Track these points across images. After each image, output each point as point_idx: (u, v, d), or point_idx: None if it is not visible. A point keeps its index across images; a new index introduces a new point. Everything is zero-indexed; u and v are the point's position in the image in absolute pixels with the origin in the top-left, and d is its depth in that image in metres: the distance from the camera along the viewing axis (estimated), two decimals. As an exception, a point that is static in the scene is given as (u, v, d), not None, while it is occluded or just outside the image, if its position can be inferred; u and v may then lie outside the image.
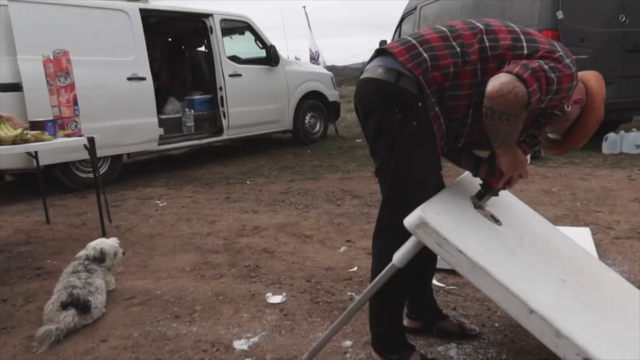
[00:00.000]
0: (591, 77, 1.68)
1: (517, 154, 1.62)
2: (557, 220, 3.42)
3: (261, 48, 7.20)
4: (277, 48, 7.20)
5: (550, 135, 1.77)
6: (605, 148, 5.74)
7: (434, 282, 2.53)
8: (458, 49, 1.57)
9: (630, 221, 3.36)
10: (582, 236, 2.93)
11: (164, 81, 7.22)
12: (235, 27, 7.21)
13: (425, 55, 1.57)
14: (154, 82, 5.82)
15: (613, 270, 2.58)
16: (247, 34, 7.21)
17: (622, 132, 5.85)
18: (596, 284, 1.85)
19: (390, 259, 1.57)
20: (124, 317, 2.32)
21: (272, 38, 7.29)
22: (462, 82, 1.56)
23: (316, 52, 10.03)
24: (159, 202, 4.67)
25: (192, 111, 6.62)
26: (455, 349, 1.94)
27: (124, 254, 2.73)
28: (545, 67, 1.46)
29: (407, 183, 1.64)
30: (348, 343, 1.99)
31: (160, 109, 6.25)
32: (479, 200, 1.78)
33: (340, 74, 20.96)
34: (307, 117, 7.70)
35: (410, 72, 1.56)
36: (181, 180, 5.65)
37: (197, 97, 6.88)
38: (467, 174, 1.99)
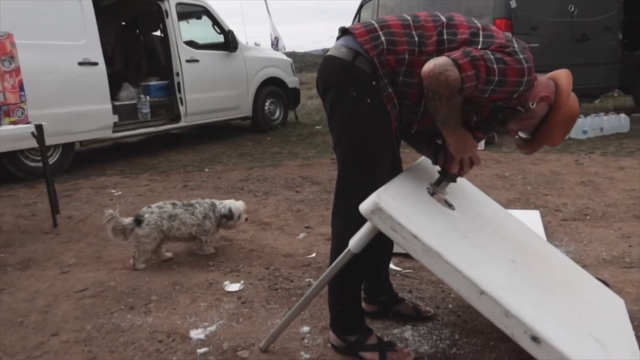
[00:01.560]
0: (561, 75, 1.70)
1: (463, 136, 1.66)
2: (509, 204, 3.53)
3: (219, 33, 7.05)
4: (236, 34, 7.08)
5: (520, 134, 1.77)
6: (556, 134, 5.94)
7: (391, 266, 2.57)
8: (416, 39, 1.60)
9: (576, 204, 3.51)
10: (532, 219, 3.04)
11: (117, 66, 6.98)
12: (192, 11, 7.02)
13: (382, 38, 1.60)
14: (107, 67, 5.62)
15: (560, 250, 2.69)
16: (205, 18, 7.04)
17: (571, 118, 6.07)
18: (544, 265, 1.93)
19: (347, 237, 1.59)
20: (75, 310, 2.25)
21: (230, 24, 7.15)
22: (416, 70, 1.57)
23: (276, 38, 9.91)
24: (113, 191, 4.53)
25: (148, 97, 6.43)
26: (411, 330, 1.98)
27: (246, 220, 2.95)
28: (489, 57, 1.48)
29: (360, 159, 1.67)
30: (306, 329, 2.00)
31: (114, 95, 6.04)
32: (437, 186, 1.81)
33: (301, 61, 20.84)
34: (267, 104, 7.62)
35: (367, 52, 1.60)
36: (137, 169, 5.50)
37: (153, 83, 6.68)
38: (423, 159, 2.02)
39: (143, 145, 7.26)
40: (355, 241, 1.60)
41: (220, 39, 7.04)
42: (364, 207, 1.49)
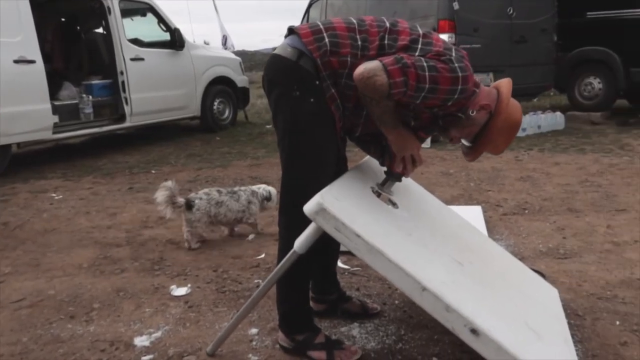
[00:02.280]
0: (503, 84, 1.73)
1: (402, 134, 1.69)
2: (453, 200, 3.65)
3: (165, 31, 6.88)
4: (183, 32, 6.93)
5: (463, 141, 1.81)
6: (497, 132, 6.18)
7: (339, 264, 2.60)
8: (359, 42, 1.62)
9: (516, 198, 3.67)
10: (474, 214, 3.16)
11: (57, 65, 6.67)
12: (136, 8, 6.81)
13: (326, 40, 1.63)
14: (46, 65, 5.38)
15: (500, 244, 2.81)
16: (150, 16, 6.85)
17: (511, 116, 6.33)
18: (484, 260, 2.00)
19: (292, 234, 1.61)
20: (11, 321, 2.14)
21: (177, 21, 7.00)
22: None
23: (224, 36, 9.77)
24: (54, 195, 4.34)
25: (91, 97, 6.18)
26: (358, 328, 2.01)
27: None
28: (421, 64, 1.51)
29: (303, 158, 1.69)
30: (254, 331, 2.00)
31: (54, 94, 5.78)
32: (382, 186, 1.83)
33: (251, 59, 20.68)
34: (216, 103, 7.50)
35: (311, 53, 1.62)
36: (80, 171, 5.29)
37: (95, 82, 6.43)
38: (368, 158, 2.06)
39: (86, 146, 6.99)
40: (300, 242, 1.61)
41: (167, 37, 6.87)
42: (308, 208, 1.50)
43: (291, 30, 1.72)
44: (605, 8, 6.89)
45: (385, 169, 1.86)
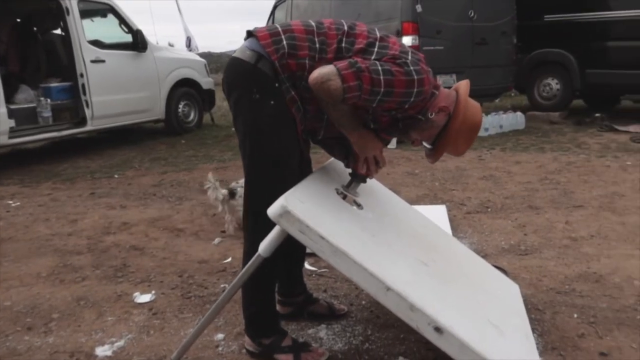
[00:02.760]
0: (461, 85, 1.75)
1: (364, 136, 1.70)
2: (418, 200, 3.70)
3: (127, 32, 6.73)
4: (146, 33, 6.80)
5: (424, 144, 1.81)
6: (461, 132, 6.30)
7: (306, 266, 2.61)
8: (317, 45, 1.63)
9: (479, 197, 3.75)
10: (438, 213, 3.21)
11: (13, 67, 6.43)
12: (96, 8, 6.64)
13: (284, 42, 1.62)
14: (1, 68, 5.19)
15: (464, 242, 2.87)
16: (110, 17, 6.69)
17: (474, 117, 6.47)
18: (448, 259, 2.04)
19: (258, 237, 1.60)
20: (-36, 335, 2.06)
21: (139, 22, 6.86)
22: None
23: (188, 37, 9.64)
24: (10, 202, 4.18)
25: (49, 100, 5.99)
26: (325, 330, 2.01)
27: None
28: (376, 68, 1.52)
29: (265, 161, 1.69)
30: (220, 336, 1.97)
31: (9, 98, 5.58)
32: (347, 188, 1.84)
33: (217, 61, 20.41)
34: (181, 106, 7.39)
35: (269, 55, 1.62)
36: (38, 177, 5.12)
37: (54, 84, 6.24)
38: (332, 160, 2.06)
39: (46, 151, 6.77)
40: (265, 245, 1.60)
41: (129, 38, 6.72)
42: (272, 210, 1.49)
43: (250, 33, 1.71)
44: (562, 11, 7.12)
45: (350, 170, 1.87)
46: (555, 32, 7.23)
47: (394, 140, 5.64)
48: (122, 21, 6.67)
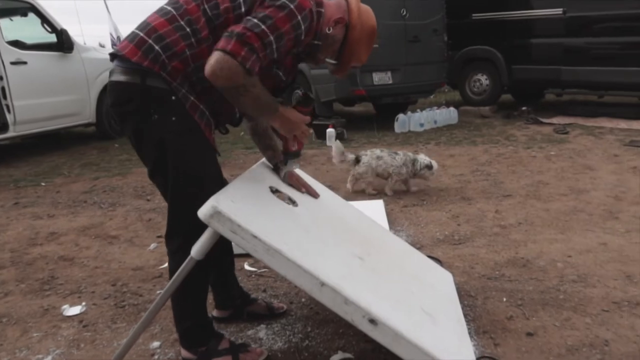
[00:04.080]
0: None
1: (286, 116, 1.65)
2: (357, 196, 3.75)
3: (50, 32, 6.39)
4: (72, 33, 6.47)
5: (328, 60, 1.75)
6: (397, 127, 6.47)
7: (246, 267, 2.58)
8: (188, 29, 1.52)
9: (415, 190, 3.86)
10: (376, 208, 3.27)
11: None
12: (15, 7, 6.25)
13: (157, 47, 1.50)
14: None
15: (401, 235, 2.94)
16: (32, 16, 6.32)
17: (409, 112, 6.66)
18: (383, 252, 2.07)
19: (186, 256, 1.53)
20: None
21: (65, 22, 6.52)
22: (204, 60, 1.47)
23: (118, 37, 9.28)
24: None
25: (-36, 105, 5.59)
26: (265, 329, 2.00)
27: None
28: (254, 22, 1.44)
29: (183, 179, 1.60)
30: (156, 344, 1.91)
31: None
32: (285, 166, 1.87)
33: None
34: (113, 109, 7.10)
35: (150, 69, 1.50)
36: (-45, 188, 4.76)
37: (-30, 88, 5.82)
38: (262, 160, 2.04)
39: (-37, 160, 6.30)
40: (197, 248, 1.56)
41: (53, 38, 6.38)
42: (203, 212, 1.46)
43: (113, 55, 1.57)
44: (488, 10, 7.46)
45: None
46: (482, 30, 7.56)
47: (332, 138, 5.69)
48: (45, 20, 6.32)
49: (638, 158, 4.51)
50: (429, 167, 3.66)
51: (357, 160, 3.68)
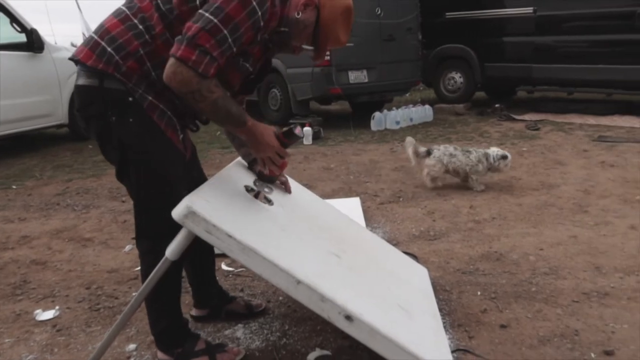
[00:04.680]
0: None
1: (256, 133, 1.59)
2: (334, 194, 3.77)
3: (20, 32, 6.23)
4: (42, 33, 6.33)
5: (304, 47, 1.68)
6: (373, 125, 6.52)
7: (223, 267, 2.57)
8: (141, 27, 1.50)
9: (392, 188, 3.90)
10: (353, 205, 3.30)
11: None
12: (-18, 6, 6.09)
13: (109, 49, 1.49)
14: None
15: (377, 232, 2.96)
16: (0, 15, 6.16)
17: (385, 110, 6.71)
18: (359, 249, 2.10)
19: (158, 258, 1.53)
20: None
21: (35, 21, 6.36)
22: (163, 57, 1.46)
23: (90, 36, 9.08)
24: None
25: None
26: (242, 329, 2.00)
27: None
28: (204, 19, 1.39)
29: (147, 180, 1.59)
30: (132, 346, 1.90)
31: None
32: (255, 186, 1.83)
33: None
34: (86, 109, 6.97)
35: (105, 71, 1.49)
36: None
37: None
38: (237, 159, 2.04)
39: None
40: (172, 248, 1.55)
41: (22, 38, 6.22)
42: (177, 212, 1.45)
43: (74, 60, 1.57)
44: (461, 9, 7.56)
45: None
46: (456, 29, 7.66)
47: (309, 137, 5.70)
48: (14, 19, 6.16)
49: (606, 153, 4.63)
50: (504, 157, 3.69)
51: (429, 153, 3.75)
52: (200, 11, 1.42)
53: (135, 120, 1.52)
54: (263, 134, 1.61)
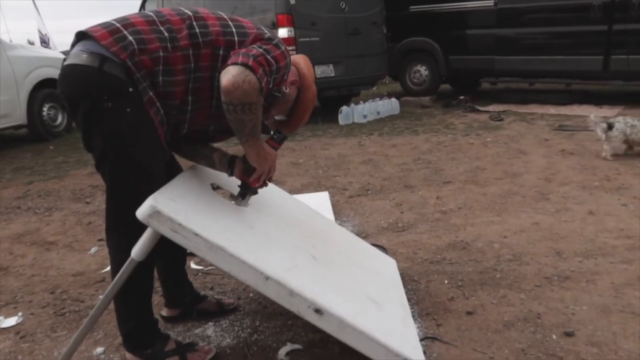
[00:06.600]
0: (300, 60, 1.82)
1: (263, 147, 1.70)
2: (303, 188, 3.77)
3: (-29, 29, 6.00)
4: (-6, 30, 6.10)
5: (276, 117, 1.85)
6: (341, 120, 6.54)
7: (193, 265, 2.55)
8: (166, 34, 1.54)
9: (360, 181, 3.93)
10: (321, 200, 3.31)
11: None
12: None
13: (130, 38, 1.50)
14: None
15: (347, 225, 2.99)
16: (-52, 12, 5.92)
17: (352, 104, 6.74)
18: (327, 242, 2.11)
19: (126, 254, 1.51)
20: None
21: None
22: (175, 67, 1.54)
23: (46, 34, 8.82)
24: None
25: None
26: (213, 327, 1.99)
27: None
28: (261, 49, 1.54)
29: (129, 172, 1.57)
30: (99, 350, 1.86)
31: None
32: (242, 200, 1.81)
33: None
34: (45, 109, 6.75)
35: (116, 55, 1.48)
36: None
37: None
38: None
39: None
40: (137, 249, 1.53)
41: (-26, 36, 6.00)
42: (141, 212, 1.43)
43: (83, 34, 1.54)
44: (425, 2, 7.65)
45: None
46: (420, 22, 7.74)
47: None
48: (-35, 17, 5.93)
49: (566, 141, 4.78)
50: None
51: (610, 127, 3.99)
52: (253, 46, 1.55)
53: (132, 110, 1.51)
54: (263, 145, 1.70)
